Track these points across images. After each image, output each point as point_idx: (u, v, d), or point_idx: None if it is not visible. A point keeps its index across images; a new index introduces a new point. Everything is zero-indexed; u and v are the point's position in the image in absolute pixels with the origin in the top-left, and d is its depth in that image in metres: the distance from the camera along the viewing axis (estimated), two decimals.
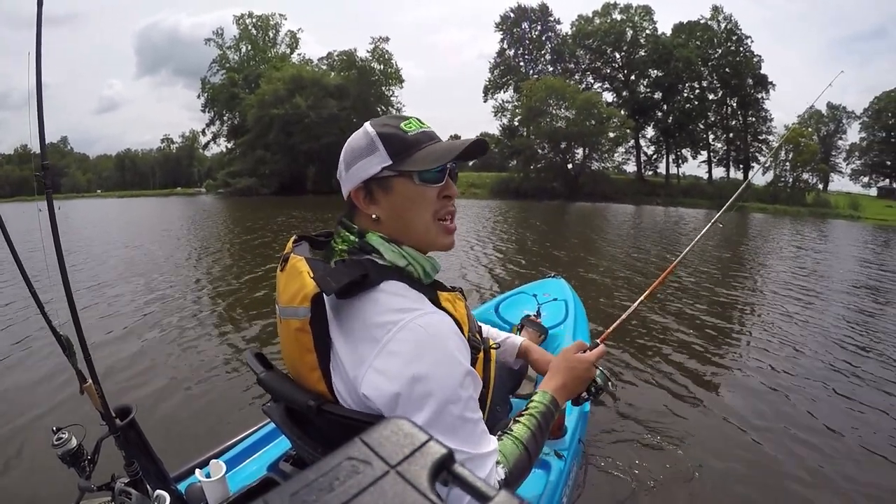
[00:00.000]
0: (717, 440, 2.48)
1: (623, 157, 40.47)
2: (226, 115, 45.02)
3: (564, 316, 2.34)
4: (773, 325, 4.64)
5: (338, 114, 36.74)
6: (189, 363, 3.35)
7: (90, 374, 1.03)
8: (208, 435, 2.33)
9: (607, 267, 7.76)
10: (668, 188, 39.36)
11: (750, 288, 6.53)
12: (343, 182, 0.88)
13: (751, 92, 41.30)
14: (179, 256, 8.30)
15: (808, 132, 39.83)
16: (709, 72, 41.34)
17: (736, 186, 26.99)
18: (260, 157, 38.11)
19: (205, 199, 35.26)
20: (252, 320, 4.29)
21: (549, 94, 34.82)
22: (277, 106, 36.24)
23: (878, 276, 8.09)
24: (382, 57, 41.13)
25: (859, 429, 2.64)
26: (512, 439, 0.87)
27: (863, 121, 45.48)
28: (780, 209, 34.22)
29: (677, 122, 42.09)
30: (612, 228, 15.97)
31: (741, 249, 10.93)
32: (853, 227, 23.56)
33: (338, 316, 0.80)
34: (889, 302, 6.05)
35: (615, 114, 36.26)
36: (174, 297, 5.24)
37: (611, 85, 43.42)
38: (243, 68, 44.29)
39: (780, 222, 23.42)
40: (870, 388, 3.19)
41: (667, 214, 24.70)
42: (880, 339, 4.32)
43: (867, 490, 2.13)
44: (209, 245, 9.88)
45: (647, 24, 42.22)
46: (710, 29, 41.53)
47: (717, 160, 43.54)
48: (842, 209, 36.47)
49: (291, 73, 37.99)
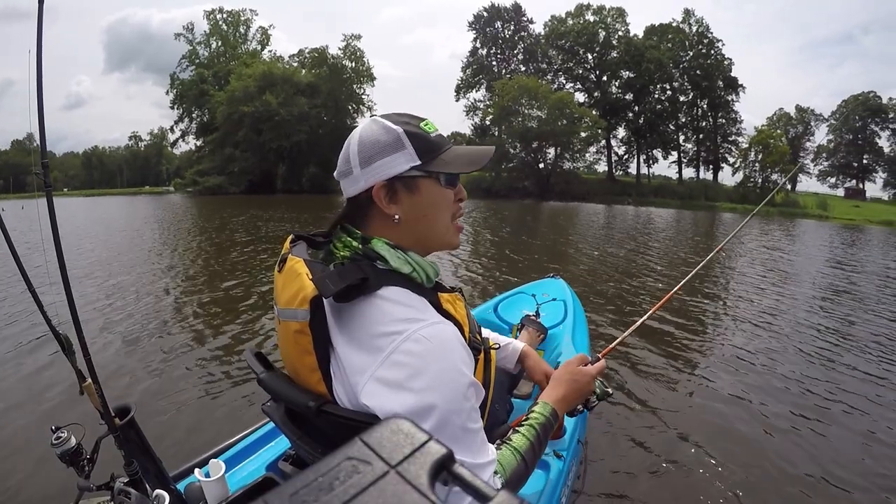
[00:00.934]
0: (717, 440, 2.47)
1: (594, 157, 40.96)
2: (195, 113, 43.92)
3: (563, 316, 2.34)
4: (769, 322, 4.71)
5: (308, 112, 36.22)
6: (189, 363, 3.32)
7: (90, 373, 1.02)
8: (208, 434, 2.34)
9: (582, 263, 7.86)
10: (638, 188, 39.78)
11: (755, 287, 6.58)
12: (354, 179, 0.82)
13: (721, 94, 42.09)
14: (166, 255, 8.13)
15: (777, 134, 40.64)
16: (680, 74, 42.00)
17: (705, 186, 27.54)
18: (229, 155, 37.25)
19: (173, 198, 34.44)
20: (252, 320, 4.26)
21: (522, 93, 34.82)
22: (247, 103, 35.50)
23: (856, 275, 8.18)
24: (354, 55, 40.59)
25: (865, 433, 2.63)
26: (511, 450, 0.87)
27: (830, 123, 46.68)
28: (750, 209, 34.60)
29: (648, 123, 42.69)
30: (584, 227, 16.01)
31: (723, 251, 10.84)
32: (822, 227, 24.18)
33: (338, 319, 0.78)
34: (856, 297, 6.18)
35: (587, 114, 36.43)
36: (172, 296, 5.20)
37: (583, 85, 43.79)
38: (213, 65, 43.33)
39: (752, 221, 23.58)
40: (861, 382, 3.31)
41: (637, 214, 24.89)
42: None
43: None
44: (194, 244, 9.63)
45: (619, 25, 42.77)
46: (682, 32, 42.19)
47: (688, 161, 44.28)
48: (811, 209, 37.22)
49: (262, 70, 37.23)
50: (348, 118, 40.27)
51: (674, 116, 42.97)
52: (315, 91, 37.49)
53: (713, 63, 41.71)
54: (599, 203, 32.43)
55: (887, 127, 44.84)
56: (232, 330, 4.01)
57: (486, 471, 0.76)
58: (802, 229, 20.00)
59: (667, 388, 3.08)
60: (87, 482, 1.00)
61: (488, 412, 0.90)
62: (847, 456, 2.37)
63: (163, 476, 1.12)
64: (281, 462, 1.26)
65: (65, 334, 1.03)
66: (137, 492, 1.02)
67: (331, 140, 38.63)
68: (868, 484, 2.16)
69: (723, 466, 2.24)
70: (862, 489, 2.13)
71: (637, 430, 2.53)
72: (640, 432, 2.51)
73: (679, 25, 42.24)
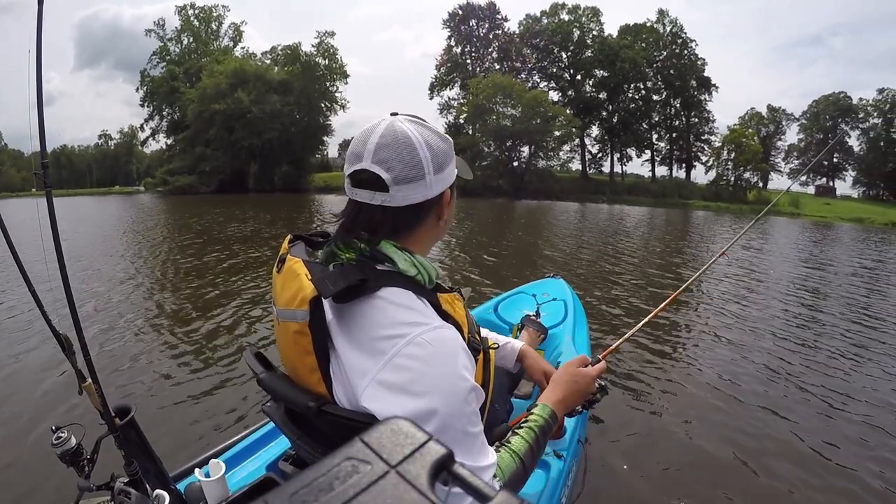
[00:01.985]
0: (717, 439, 2.47)
1: (568, 156, 41.07)
2: (165, 110, 42.90)
3: (564, 316, 2.32)
4: (771, 323, 4.72)
5: (281, 109, 35.56)
6: (189, 363, 3.30)
7: (90, 373, 1.02)
8: (208, 434, 2.35)
9: (557, 260, 7.91)
10: (612, 186, 40.06)
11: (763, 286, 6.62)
12: (426, 186, 0.79)
13: (694, 94, 42.56)
14: (158, 256, 7.99)
15: (750, 133, 41.23)
16: (654, 73, 42.43)
17: (679, 185, 27.89)
18: (200, 153, 36.40)
19: (143, 198, 33.58)
20: (251, 320, 4.26)
21: (496, 91, 34.75)
22: (219, 101, 34.68)
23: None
24: (328, 52, 40.08)
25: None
26: (510, 452, 0.87)
27: (801, 123, 47.56)
28: (723, 206, 35.17)
29: (622, 122, 43.09)
30: (560, 225, 16.10)
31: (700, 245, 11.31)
32: (794, 224, 24.73)
33: (339, 320, 0.79)
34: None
35: (561, 112, 36.51)
36: (170, 296, 5.18)
37: (557, 84, 43.92)
38: (184, 61, 42.36)
39: (726, 219, 24.10)
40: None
41: (611, 212, 25.10)
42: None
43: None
44: (190, 244, 9.32)
45: (594, 25, 43.03)
46: (656, 32, 42.57)
47: (661, 159, 44.77)
48: (783, 207, 37.81)
49: (234, 67, 36.44)
50: (321, 116, 39.79)
51: (647, 115, 43.40)
52: (288, 88, 36.86)
53: (686, 63, 42.20)
54: (573, 201, 32.54)
55: (857, 126, 45.86)
56: (232, 330, 4.01)
57: (486, 474, 0.76)
58: (776, 227, 20.34)
59: (667, 389, 3.07)
60: (88, 482, 1.00)
61: (488, 412, 0.89)
62: (854, 464, 2.29)
63: (163, 476, 1.12)
64: (281, 462, 1.26)
65: (65, 334, 1.02)
66: (137, 492, 1.01)
67: (303, 138, 38.24)
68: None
69: (723, 466, 2.25)
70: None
71: (637, 429, 2.54)
72: (640, 432, 2.51)
73: (653, 25, 42.64)
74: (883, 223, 33.04)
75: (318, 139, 41.34)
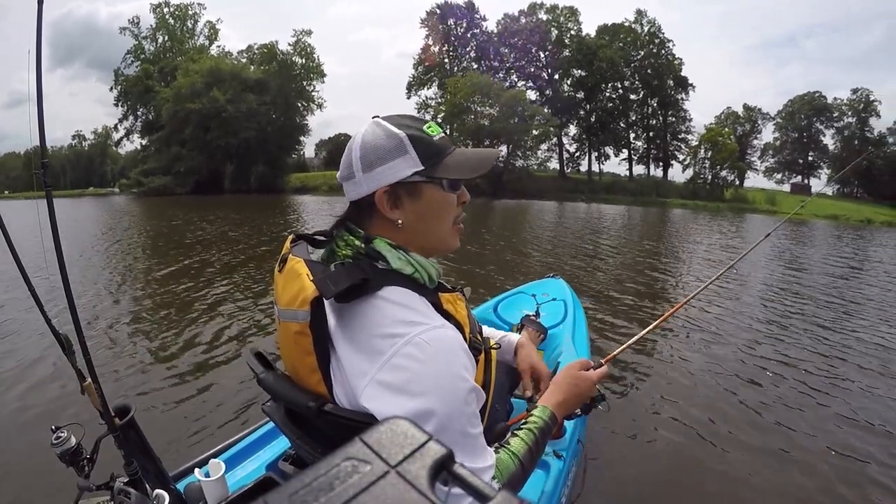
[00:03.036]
0: (717, 439, 2.48)
1: (546, 155, 41.11)
2: (140, 110, 42.10)
3: (563, 316, 2.33)
4: (772, 323, 4.74)
5: (257, 108, 35.11)
6: (189, 362, 3.32)
7: (90, 372, 1.02)
8: (207, 434, 2.35)
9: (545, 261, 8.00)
10: (590, 185, 40.24)
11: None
12: (356, 184, 0.82)
13: (671, 93, 42.91)
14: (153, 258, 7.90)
15: (726, 132, 41.70)
16: (631, 73, 42.70)
17: (657, 183, 28.20)
18: (175, 154, 35.78)
19: (117, 200, 32.99)
20: (251, 319, 4.28)
21: (474, 91, 34.65)
22: (194, 100, 34.12)
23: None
24: (304, 51, 39.73)
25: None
26: (509, 454, 0.87)
27: (776, 122, 48.23)
28: (700, 205, 35.53)
29: (600, 121, 43.27)
30: (542, 226, 16.12)
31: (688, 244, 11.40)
32: (772, 221, 25.07)
33: (339, 320, 0.79)
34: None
35: (539, 112, 36.54)
36: (169, 295, 5.16)
37: (534, 83, 43.95)
38: (159, 60, 41.59)
39: (708, 218, 24.50)
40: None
41: (591, 211, 25.18)
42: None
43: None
44: (186, 245, 9.27)
45: (572, 24, 43.12)
46: (634, 31, 42.83)
47: (638, 158, 45.05)
48: (760, 204, 38.31)
49: (209, 66, 35.87)
50: (297, 115, 39.43)
51: (625, 115, 43.67)
52: (264, 87, 36.41)
53: (664, 62, 42.54)
54: (552, 200, 32.63)
55: (832, 125, 46.63)
56: (232, 329, 4.01)
57: (485, 475, 0.76)
58: (754, 224, 20.77)
59: (667, 389, 3.07)
60: (87, 482, 1.00)
61: (488, 412, 0.89)
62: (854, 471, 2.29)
63: (163, 476, 1.11)
64: (281, 462, 1.26)
65: (65, 334, 1.01)
66: (137, 492, 1.01)
67: (280, 138, 37.79)
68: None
69: (723, 466, 2.26)
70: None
71: (637, 430, 2.54)
72: (640, 432, 2.52)
73: (631, 25, 42.91)
74: (858, 220, 33.71)
75: (295, 139, 40.90)
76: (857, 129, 45.71)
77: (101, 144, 60.08)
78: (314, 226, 13.62)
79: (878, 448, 2.48)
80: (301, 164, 46.59)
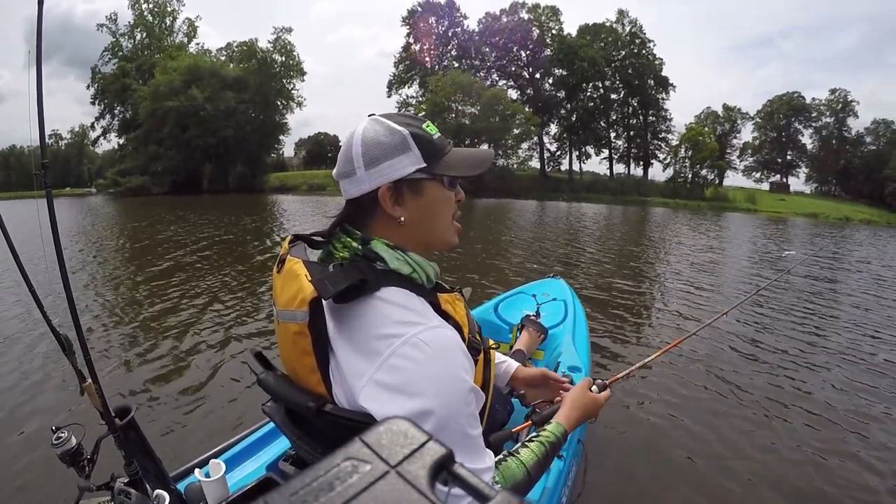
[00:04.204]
0: (716, 439, 2.49)
1: (527, 154, 41.22)
2: (117, 108, 41.21)
3: (564, 316, 2.33)
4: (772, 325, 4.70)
5: (236, 107, 34.60)
6: (189, 363, 3.32)
7: (90, 373, 1.01)
8: (207, 434, 2.35)
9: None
10: (571, 184, 40.49)
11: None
12: (357, 181, 0.81)
13: (652, 92, 43.26)
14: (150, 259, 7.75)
15: (706, 131, 42.18)
16: (612, 72, 43.03)
17: (638, 182, 28.63)
18: (152, 153, 35.04)
19: (94, 200, 32.31)
20: (251, 320, 4.28)
21: (455, 89, 34.62)
22: (172, 98, 33.51)
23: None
24: (284, 48, 39.33)
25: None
26: (517, 462, 0.90)
27: (756, 121, 48.87)
28: (681, 203, 35.87)
29: (580, 120, 43.51)
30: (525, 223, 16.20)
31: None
32: (755, 219, 25.49)
33: (337, 320, 0.79)
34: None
35: (520, 111, 36.61)
36: (168, 296, 5.13)
37: (515, 83, 44.15)
38: (137, 57, 40.82)
39: (686, 216, 24.83)
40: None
41: (572, 210, 25.30)
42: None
43: None
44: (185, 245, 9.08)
45: (553, 24, 43.36)
46: (615, 31, 43.12)
47: (618, 157, 45.35)
48: (740, 203, 38.81)
49: (188, 64, 35.29)
50: (277, 114, 38.99)
51: (605, 114, 44.04)
52: (243, 85, 35.92)
53: (644, 62, 42.88)
54: (533, 199, 32.74)
55: (810, 125, 47.37)
56: (231, 329, 4.01)
57: (484, 476, 0.76)
58: (734, 222, 21.20)
59: (667, 389, 3.07)
60: (88, 482, 1.00)
61: (488, 413, 0.89)
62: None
63: (163, 476, 1.11)
64: (281, 462, 1.26)
65: (65, 334, 1.01)
66: (137, 492, 1.02)
67: (259, 136, 37.36)
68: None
69: (722, 466, 2.26)
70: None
71: (637, 430, 2.55)
72: (640, 432, 2.53)
73: (612, 25, 43.21)
74: (836, 217, 34.31)
75: (274, 138, 40.43)
76: (835, 128, 46.52)
77: (77, 144, 58.81)
78: (298, 224, 13.61)
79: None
80: (280, 164, 46.20)
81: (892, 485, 2.22)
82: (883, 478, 2.26)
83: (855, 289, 7.06)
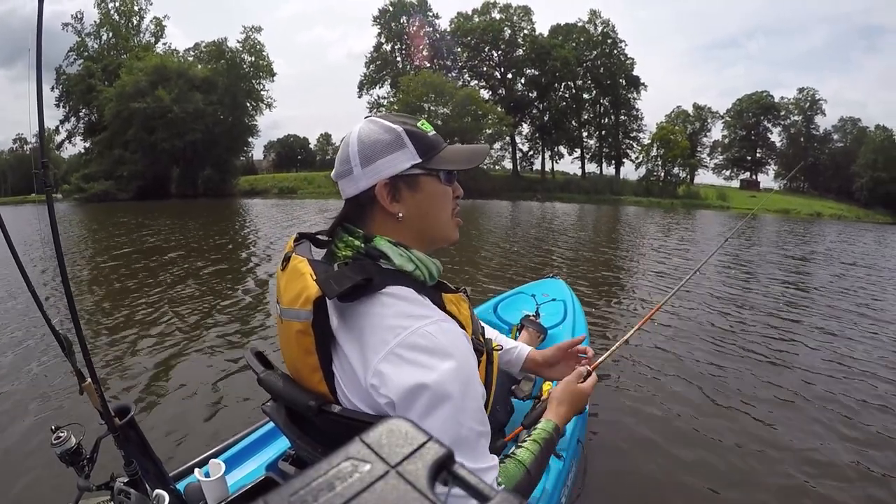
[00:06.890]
0: (716, 439, 2.47)
1: (499, 154, 41.22)
2: (83, 111, 39.98)
3: (563, 316, 2.31)
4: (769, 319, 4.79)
5: (204, 108, 33.82)
6: (189, 363, 3.32)
7: (90, 373, 1.03)
8: (207, 434, 2.34)
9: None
10: (544, 184, 40.67)
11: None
12: (354, 179, 0.83)
13: (623, 92, 43.70)
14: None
15: (678, 130, 42.72)
16: (584, 72, 43.36)
17: (611, 181, 28.84)
18: (118, 157, 34.02)
19: (60, 207, 31.29)
20: (251, 319, 4.30)
21: (427, 90, 34.48)
22: (138, 99, 32.58)
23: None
24: (254, 48, 38.66)
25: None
26: (515, 462, 0.91)
27: (725, 120, 49.71)
28: (654, 201, 36.27)
29: (553, 120, 43.78)
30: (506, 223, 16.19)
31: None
32: (727, 216, 25.98)
33: (342, 319, 0.79)
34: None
35: (492, 110, 36.63)
36: (167, 295, 5.13)
37: (487, 83, 44.20)
38: (103, 58, 39.71)
39: (658, 213, 25.29)
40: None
41: (543, 210, 25.41)
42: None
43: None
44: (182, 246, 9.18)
45: (525, 24, 43.53)
46: (587, 31, 43.42)
47: (591, 156, 45.73)
48: (712, 200, 39.39)
49: (154, 64, 34.37)
50: (246, 116, 38.22)
51: (577, 114, 44.36)
52: (211, 86, 35.16)
53: (616, 62, 43.28)
54: (506, 199, 32.74)
55: (779, 123, 48.35)
56: (231, 329, 4.01)
57: (489, 475, 0.77)
58: (705, 219, 21.59)
59: (666, 389, 3.06)
60: (87, 482, 1.00)
61: (489, 414, 0.89)
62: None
63: (162, 476, 1.12)
64: (281, 462, 1.25)
65: (65, 334, 1.02)
66: (137, 492, 1.02)
67: (228, 139, 36.59)
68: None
69: (722, 465, 2.25)
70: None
71: (637, 429, 2.54)
72: (640, 432, 2.51)
73: (584, 25, 43.51)
74: (808, 213, 35.04)
75: (244, 140, 39.47)
76: (802, 126, 47.55)
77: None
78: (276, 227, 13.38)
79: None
80: (249, 167, 45.43)
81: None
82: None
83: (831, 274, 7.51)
